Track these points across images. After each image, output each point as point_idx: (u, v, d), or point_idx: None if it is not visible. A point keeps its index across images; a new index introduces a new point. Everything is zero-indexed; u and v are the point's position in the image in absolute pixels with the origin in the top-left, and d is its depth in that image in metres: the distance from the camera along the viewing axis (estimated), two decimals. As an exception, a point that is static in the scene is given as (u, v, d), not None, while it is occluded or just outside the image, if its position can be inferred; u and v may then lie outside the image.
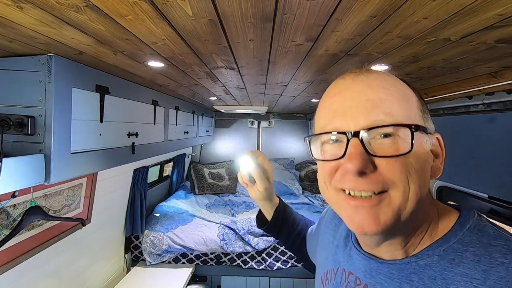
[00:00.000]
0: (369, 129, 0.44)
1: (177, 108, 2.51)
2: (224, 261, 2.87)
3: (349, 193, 0.46)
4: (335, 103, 0.49)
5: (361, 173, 0.43)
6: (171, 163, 3.89)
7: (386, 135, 0.44)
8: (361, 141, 0.44)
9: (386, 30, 0.78)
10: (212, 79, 1.60)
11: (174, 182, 3.96)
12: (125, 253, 2.69)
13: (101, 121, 1.37)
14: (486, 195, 1.46)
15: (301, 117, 4.52)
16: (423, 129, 0.46)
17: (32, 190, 1.41)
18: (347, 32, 0.81)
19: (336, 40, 0.89)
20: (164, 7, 0.69)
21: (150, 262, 2.71)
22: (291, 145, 4.72)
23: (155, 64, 1.24)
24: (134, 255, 2.81)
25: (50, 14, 0.72)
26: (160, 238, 2.72)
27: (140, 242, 2.77)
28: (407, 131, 0.43)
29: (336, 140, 0.48)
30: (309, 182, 4.37)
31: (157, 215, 3.05)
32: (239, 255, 2.85)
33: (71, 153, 1.18)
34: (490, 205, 1.48)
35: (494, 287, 0.40)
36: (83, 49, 1.02)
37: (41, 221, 1.50)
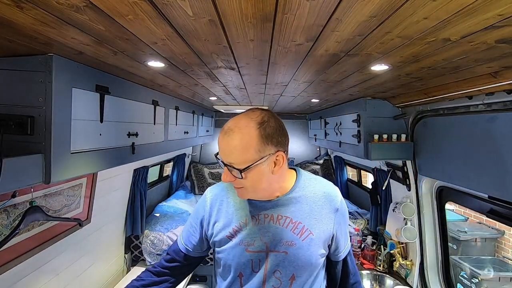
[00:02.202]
0: (227, 164, 0.93)
1: (177, 108, 2.51)
2: (224, 261, 2.86)
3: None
4: (220, 145, 0.95)
5: (227, 181, 0.96)
6: (171, 163, 3.89)
7: (232, 166, 0.92)
8: (227, 166, 0.93)
9: (386, 30, 0.78)
10: (212, 79, 1.60)
11: (174, 182, 3.96)
12: (125, 253, 2.69)
13: (101, 121, 1.37)
14: (486, 195, 1.46)
15: (301, 117, 4.52)
16: (253, 164, 0.90)
17: (32, 190, 1.41)
18: (347, 32, 0.81)
19: (336, 40, 0.89)
20: (164, 7, 0.69)
21: (150, 262, 2.70)
22: (291, 145, 4.61)
23: (155, 64, 1.24)
24: (134, 255, 2.80)
25: (50, 14, 0.72)
26: (160, 238, 2.72)
27: (140, 242, 2.77)
28: (238, 168, 0.91)
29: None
30: (309, 182, 4.36)
31: (157, 215, 3.04)
32: (239, 255, 2.85)
33: (71, 153, 1.18)
34: (490, 205, 1.48)
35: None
36: (83, 49, 1.02)
37: (40, 221, 1.50)
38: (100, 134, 1.37)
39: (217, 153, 0.96)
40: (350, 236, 2.77)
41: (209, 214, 1.06)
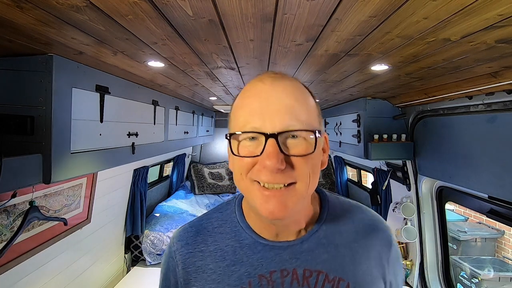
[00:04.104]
0: (284, 132, 0.51)
1: (177, 108, 2.51)
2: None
3: (263, 185, 0.52)
4: (254, 104, 0.54)
5: (279, 169, 0.50)
6: (171, 163, 3.89)
7: (294, 136, 0.52)
8: (277, 141, 0.51)
9: (386, 30, 0.78)
10: (212, 79, 1.60)
11: (174, 182, 3.96)
12: (125, 253, 2.69)
13: (101, 121, 1.37)
14: (486, 195, 1.46)
15: (301, 117, 4.52)
16: (320, 133, 0.55)
17: (33, 190, 1.41)
18: (347, 32, 0.81)
19: (336, 40, 0.89)
20: (164, 7, 0.68)
21: (150, 262, 2.71)
22: None
23: (155, 64, 1.24)
24: (134, 255, 2.81)
25: (50, 14, 0.72)
26: (160, 238, 2.72)
27: (140, 242, 2.77)
28: (312, 135, 0.53)
29: (253, 138, 0.53)
30: (309, 182, 4.37)
31: (157, 215, 3.05)
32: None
33: (71, 153, 1.18)
34: (490, 205, 1.48)
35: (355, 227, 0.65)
36: (83, 49, 1.02)
37: (41, 221, 1.50)
38: (100, 134, 1.37)
39: (231, 134, 0.55)
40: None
41: (184, 282, 0.62)
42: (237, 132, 0.54)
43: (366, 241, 0.63)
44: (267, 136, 0.51)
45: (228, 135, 0.56)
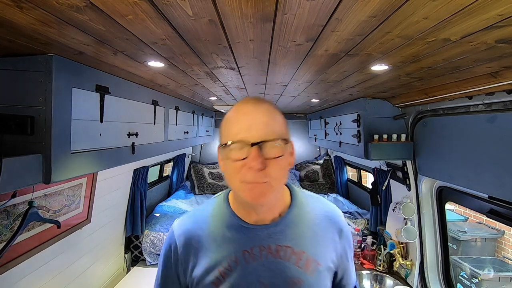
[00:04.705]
0: (262, 141, 0.69)
1: (177, 108, 2.51)
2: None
3: (249, 182, 0.70)
4: (240, 121, 0.73)
5: (260, 169, 0.68)
6: (171, 163, 3.89)
7: (269, 144, 0.70)
8: (259, 148, 0.69)
9: (386, 30, 0.78)
10: (212, 79, 1.60)
11: (174, 182, 3.96)
12: (125, 253, 2.69)
13: (101, 121, 1.37)
14: (486, 195, 1.46)
15: (301, 117, 4.52)
16: (287, 140, 0.74)
17: (34, 190, 1.41)
18: (347, 32, 0.81)
19: (336, 40, 0.89)
20: (164, 7, 0.69)
21: (150, 262, 2.71)
22: None
23: (155, 64, 1.24)
24: (134, 255, 2.81)
25: (50, 14, 0.72)
26: (160, 238, 2.72)
27: (140, 242, 2.77)
28: (282, 143, 0.71)
29: (241, 146, 0.70)
30: (309, 182, 4.37)
31: (157, 215, 3.05)
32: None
33: (71, 153, 1.18)
34: (490, 205, 1.48)
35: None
36: (83, 49, 1.02)
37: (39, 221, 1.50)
38: (100, 134, 1.37)
39: (224, 144, 0.73)
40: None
41: (184, 259, 0.81)
42: (228, 142, 0.71)
43: (323, 225, 0.85)
44: (252, 144, 0.68)
45: (221, 145, 0.75)
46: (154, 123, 2.02)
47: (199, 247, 0.80)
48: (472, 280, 3.26)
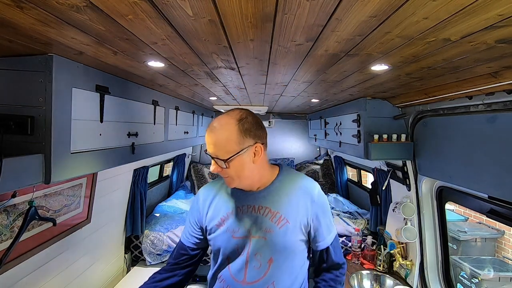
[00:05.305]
0: (214, 156, 1.06)
1: (177, 108, 2.51)
2: (224, 261, 2.86)
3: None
4: (207, 138, 1.07)
5: (218, 171, 1.08)
6: (171, 163, 3.89)
7: (218, 157, 1.05)
8: (213, 159, 1.06)
9: (386, 30, 0.78)
10: (212, 79, 1.60)
11: (174, 182, 3.96)
12: (125, 253, 2.69)
13: (101, 121, 1.37)
14: (486, 195, 1.46)
15: (301, 117, 4.52)
16: (235, 154, 1.04)
17: (34, 190, 1.41)
18: (347, 32, 0.81)
19: (336, 40, 0.89)
20: (164, 7, 0.69)
21: (150, 262, 2.70)
22: (291, 145, 4.72)
23: (155, 64, 1.24)
24: (134, 255, 2.80)
25: (50, 14, 0.72)
26: (160, 238, 2.72)
27: (140, 242, 2.77)
28: (221, 160, 1.04)
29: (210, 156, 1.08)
30: (309, 182, 4.37)
31: (157, 215, 3.05)
32: (239, 255, 2.84)
33: (71, 153, 1.18)
34: (490, 205, 1.48)
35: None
36: (83, 49, 1.02)
37: (40, 221, 1.50)
38: (100, 134, 1.37)
39: (206, 150, 1.10)
40: (350, 236, 2.77)
41: (202, 208, 1.21)
42: (207, 152, 1.08)
43: (298, 194, 1.15)
44: (211, 156, 1.07)
45: (205, 151, 1.10)
46: (154, 123, 2.02)
47: (212, 202, 1.19)
48: (472, 280, 3.26)
